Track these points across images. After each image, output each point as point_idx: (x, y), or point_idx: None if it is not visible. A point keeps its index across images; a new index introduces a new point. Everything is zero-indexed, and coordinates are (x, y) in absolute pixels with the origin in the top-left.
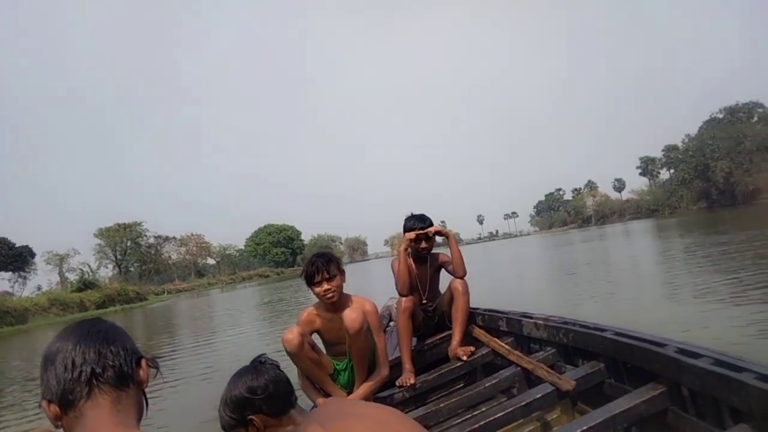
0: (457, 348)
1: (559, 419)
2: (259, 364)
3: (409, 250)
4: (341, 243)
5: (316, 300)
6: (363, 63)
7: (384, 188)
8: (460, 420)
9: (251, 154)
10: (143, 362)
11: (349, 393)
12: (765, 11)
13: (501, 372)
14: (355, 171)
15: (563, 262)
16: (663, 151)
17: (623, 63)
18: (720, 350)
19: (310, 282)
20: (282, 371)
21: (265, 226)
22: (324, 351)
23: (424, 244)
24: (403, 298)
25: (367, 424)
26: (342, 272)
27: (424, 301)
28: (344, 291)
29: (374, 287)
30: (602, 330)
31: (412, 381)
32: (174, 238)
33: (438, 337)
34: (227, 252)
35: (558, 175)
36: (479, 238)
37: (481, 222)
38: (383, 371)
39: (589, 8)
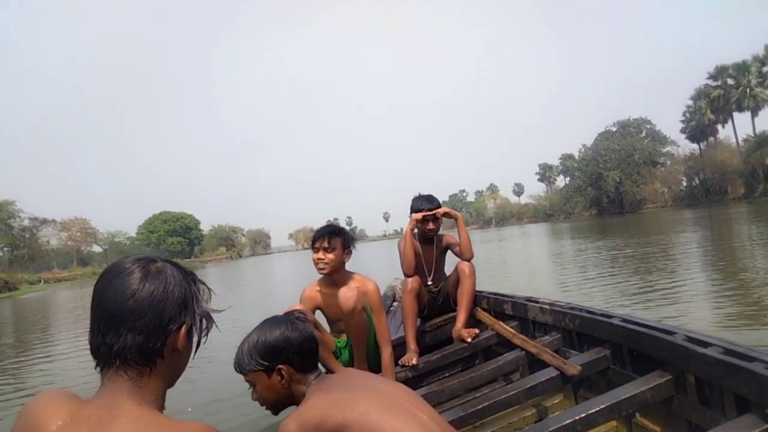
0: (461, 330)
1: (562, 404)
2: (295, 318)
3: (416, 231)
4: (243, 234)
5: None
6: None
7: (291, 184)
8: (462, 401)
9: (148, 144)
10: (183, 329)
11: None
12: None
13: (505, 355)
14: (260, 165)
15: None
16: (560, 159)
17: (531, 75)
18: (729, 340)
19: (312, 245)
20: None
21: (160, 213)
22: (328, 329)
23: (431, 225)
24: (409, 279)
25: (373, 396)
26: (346, 249)
27: (429, 282)
28: (348, 269)
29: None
30: (609, 316)
31: (414, 361)
32: (54, 221)
33: (442, 318)
34: (116, 239)
35: (462, 177)
36: (384, 236)
37: (387, 219)
38: (387, 350)
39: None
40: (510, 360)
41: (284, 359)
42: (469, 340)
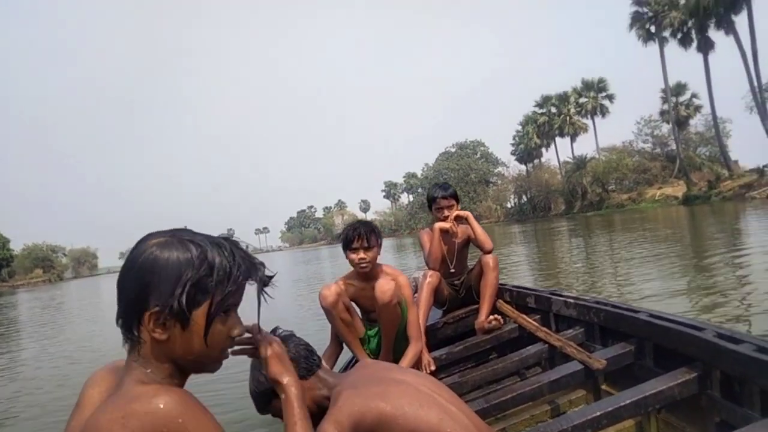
0: (484, 322)
1: (585, 398)
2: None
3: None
4: (64, 254)
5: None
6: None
7: (119, 201)
8: (483, 393)
9: None
10: (146, 317)
11: (375, 359)
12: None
13: (528, 348)
14: (84, 179)
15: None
16: (404, 177)
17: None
18: (760, 336)
19: (348, 246)
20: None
21: None
22: (359, 315)
23: (446, 213)
24: (429, 272)
25: (405, 389)
26: (380, 245)
27: (452, 271)
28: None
29: None
30: (636, 311)
31: (432, 367)
32: None
33: (464, 310)
34: None
35: (311, 193)
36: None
37: (231, 236)
38: (417, 345)
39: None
40: (532, 353)
41: None
42: (493, 324)
